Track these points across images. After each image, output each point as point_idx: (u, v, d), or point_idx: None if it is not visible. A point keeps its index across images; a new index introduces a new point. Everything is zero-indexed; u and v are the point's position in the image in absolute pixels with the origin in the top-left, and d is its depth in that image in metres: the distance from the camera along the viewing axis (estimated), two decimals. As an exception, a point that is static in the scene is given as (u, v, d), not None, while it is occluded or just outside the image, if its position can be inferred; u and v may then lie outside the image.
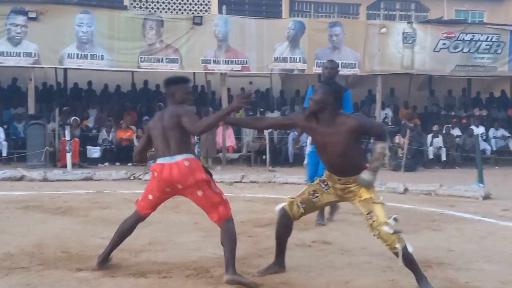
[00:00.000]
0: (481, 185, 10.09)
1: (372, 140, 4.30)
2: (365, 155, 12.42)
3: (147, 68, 15.98)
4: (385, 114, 18.51)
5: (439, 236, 6.19)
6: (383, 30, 16.54)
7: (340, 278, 4.52)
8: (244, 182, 11.38)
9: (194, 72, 18.73)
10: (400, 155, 15.65)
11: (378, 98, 17.32)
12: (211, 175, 4.50)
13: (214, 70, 16.34)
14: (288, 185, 10.99)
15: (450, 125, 16.97)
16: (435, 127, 16.96)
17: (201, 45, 15.86)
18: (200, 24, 15.66)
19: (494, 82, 20.62)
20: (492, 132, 17.58)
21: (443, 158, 16.19)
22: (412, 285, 4.34)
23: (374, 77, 17.10)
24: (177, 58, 15.70)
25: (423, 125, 17.98)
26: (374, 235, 4.17)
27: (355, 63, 16.57)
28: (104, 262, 4.67)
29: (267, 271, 4.63)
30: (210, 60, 15.92)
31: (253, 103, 19.23)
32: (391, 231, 4.06)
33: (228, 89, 17.13)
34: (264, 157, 15.72)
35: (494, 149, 17.46)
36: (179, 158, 4.37)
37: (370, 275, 4.62)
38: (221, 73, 16.28)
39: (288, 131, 16.61)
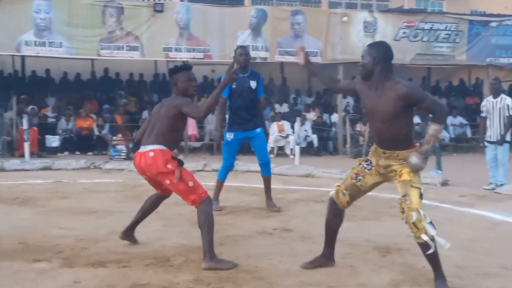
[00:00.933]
0: (440, 171, 10.26)
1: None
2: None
3: (107, 56, 15.70)
4: (347, 102, 18.67)
5: (399, 223, 6.25)
6: (345, 18, 16.61)
7: (300, 265, 4.53)
8: (206, 171, 11.34)
9: (155, 60, 18.60)
10: (362, 143, 15.81)
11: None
12: (181, 163, 4.54)
13: (175, 58, 16.15)
14: (251, 173, 10.97)
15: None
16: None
17: (162, 32, 15.67)
18: (161, 11, 15.45)
19: (453, 71, 21.00)
20: (450, 119, 17.89)
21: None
22: (370, 271, 4.41)
23: (336, 66, 17.17)
24: (138, 46, 15.49)
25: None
26: (402, 218, 4.04)
27: (317, 52, 16.61)
28: (128, 235, 5.10)
29: (313, 263, 4.46)
30: (171, 48, 15.75)
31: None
32: (421, 220, 3.96)
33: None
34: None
35: (453, 136, 17.82)
36: (148, 148, 4.54)
37: (330, 262, 4.65)
38: (183, 61, 16.11)
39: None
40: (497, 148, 9.15)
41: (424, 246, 3.99)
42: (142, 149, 4.59)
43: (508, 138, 9.20)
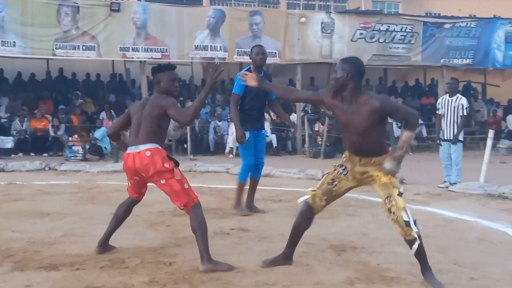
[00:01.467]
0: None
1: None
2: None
3: (63, 56, 15.43)
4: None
5: (355, 221, 6.36)
6: (303, 19, 16.72)
7: (257, 264, 4.54)
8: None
9: (113, 60, 18.38)
10: (320, 142, 15.94)
11: (298, 87, 17.52)
12: (176, 163, 4.51)
13: (133, 58, 16.01)
14: (209, 174, 10.97)
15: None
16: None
17: (119, 32, 15.48)
18: (118, 11, 15.26)
19: (408, 72, 21.37)
20: (406, 119, 18.17)
21: (275, 144, 16.49)
22: (326, 269, 4.44)
23: (294, 66, 17.28)
24: (94, 46, 15.26)
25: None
26: (391, 219, 4.17)
27: (275, 52, 16.67)
28: (105, 247, 4.82)
29: (273, 263, 4.51)
30: (128, 47, 15.57)
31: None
32: (409, 219, 4.12)
33: (148, 78, 16.87)
34: (185, 145, 15.60)
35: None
36: (142, 148, 4.43)
37: (286, 261, 4.67)
38: (141, 61, 15.98)
39: (210, 120, 16.58)
40: (451, 147, 9.34)
41: (413, 242, 4.16)
42: (134, 149, 4.46)
43: (461, 137, 9.40)
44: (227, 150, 15.42)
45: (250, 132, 6.77)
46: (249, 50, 7.19)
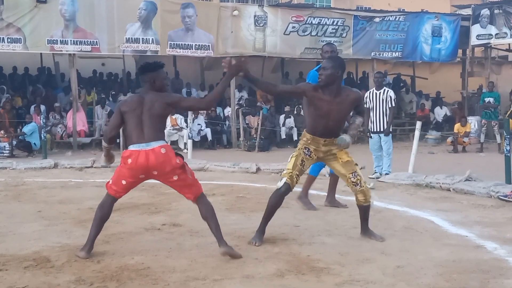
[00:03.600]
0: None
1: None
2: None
3: (-14, 48, 14.84)
4: (241, 96, 18.79)
5: (286, 213, 6.39)
6: (235, 12, 16.68)
7: (187, 260, 4.50)
8: (95, 167, 11.00)
9: (41, 53, 17.80)
10: (254, 136, 15.99)
11: (233, 80, 17.48)
12: (182, 157, 4.61)
13: (61, 50, 15.55)
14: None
15: (301, 106, 17.54)
16: (287, 108, 17.52)
17: (46, 24, 14.97)
18: (45, 2, 14.74)
19: (340, 65, 21.64)
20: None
21: (295, 137, 16.75)
22: (257, 262, 4.45)
23: (228, 60, 17.22)
24: (20, 38, 14.71)
25: (276, 106, 18.50)
26: (358, 190, 5.09)
27: (208, 45, 16.55)
28: (90, 250, 4.60)
29: (261, 238, 5.04)
30: (57, 40, 15.08)
31: (105, 85, 18.68)
32: (371, 188, 5.25)
33: (78, 72, 16.49)
34: (118, 141, 15.29)
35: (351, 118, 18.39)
36: (155, 145, 4.44)
37: (217, 255, 4.63)
38: (70, 54, 15.54)
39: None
40: (381, 138, 9.55)
41: (368, 207, 5.21)
42: (144, 146, 4.42)
43: (390, 129, 9.64)
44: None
45: None
46: (181, 43, 7.10)
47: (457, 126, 16.11)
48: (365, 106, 9.81)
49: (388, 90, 9.60)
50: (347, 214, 6.32)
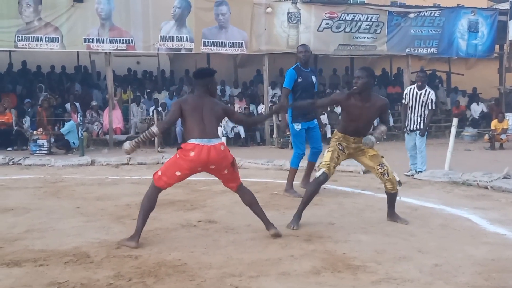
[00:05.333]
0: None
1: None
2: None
3: (25, 48, 15.15)
4: (274, 93, 18.79)
5: (321, 211, 6.39)
6: (269, 9, 16.69)
7: (223, 256, 4.54)
8: (131, 164, 11.14)
9: (77, 52, 18.11)
10: (288, 133, 15.93)
11: (266, 78, 17.52)
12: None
13: (97, 49, 15.80)
14: (177, 166, 10.86)
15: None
16: (320, 105, 17.42)
17: (83, 23, 15.25)
18: (81, 1, 15.02)
19: (375, 61, 21.53)
20: (373, 109, 18.30)
21: (329, 134, 16.67)
22: (292, 259, 4.45)
23: (261, 57, 17.26)
24: (58, 37, 15.01)
25: (309, 103, 18.40)
26: (385, 179, 5.63)
27: (242, 43, 16.62)
28: (139, 240, 4.88)
29: (298, 223, 5.53)
30: (93, 39, 15.35)
31: (140, 83, 18.89)
32: (398, 178, 5.73)
33: (114, 70, 16.71)
34: (153, 138, 15.46)
35: (375, 125, 18.20)
36: (216, 142, 4.84)
37: (253, 252, 4.67)
38: (106, 53, 15.77)
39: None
40: (417, 136, 9.44)
41: (395, 194, 5.77)
42: (206, 142, 4.78)
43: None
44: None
45: (303, 124, 7.44)
46: (215, 41, 7.63)
47: (494, 122, 15.83)
48: (403, 102, 9.72)
49: (429, 92, 9.36)
50: (384, 212, 6.27)
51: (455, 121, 9.97)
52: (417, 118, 9.40)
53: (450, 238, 5.17)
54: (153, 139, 5.32)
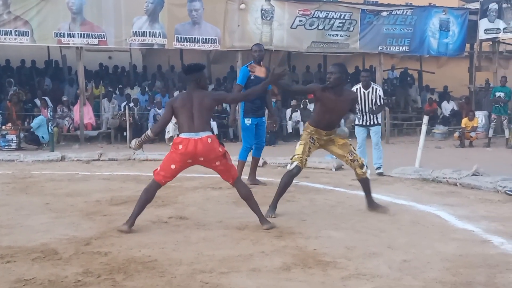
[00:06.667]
0: (334, 156, 10.50)
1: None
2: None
3: (-6, 41, 14.89)
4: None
5: (292, 207, 6.40)
6: (242, 6, 16.63)
7: (194, 252, 4.52)
8: (102, 160, 11.04)
9: (48, 46, 17.86)
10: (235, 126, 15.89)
11: (238, 74, 17.45)
12: (224, 146, 5.28)
13: (68, 43, 15.60)
14: (149, 162, 10.80)
15: (307, 100, 17.53)
16: (293, 102, 17.49)
17: (54, 17, 15.02)
18: (52, -5, 14.82)
19: (348, 59, 21.61)
20: (346, 106, 18.39)
21: (301, 131, 16.74)
22: (263, 255, 4.46)
23: (234, 53, 17.22)
24: (28, 31, 14.77)
25: (283, 101, 18.47)
26: (356, 166, 6.01)
27: (215, 39, 16.54)
28: (132, 226, 5.19)
29: (274, 211, 5.84)
30: (64, 33, 15.13)
31: (112, 79, 18.71)
32: (365, 163, 6.13)
33: (85, 65, 16.51)
34: (124, 134, 15.35)
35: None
36: (203, 135, 5.10)
37: (224, 248, 4.67)
38: (77, 47, 15.57)
39: (149, 108, 16.39)
40: (372, 132, 9.30)
41: (368, 180, 6.14)
42: (194, 135, 5.07)
43: (379, 120, 9.43)
44: (167, 137, 15.21)
45: (253, 119, 7.81)
46: (188, 37, 7.91)
47: (464, 120, 16.06)
48: None
49: (376, 89, 9.13)
50: (354, 208, 6.32)
51: (425, 118, 10.07)
52: (369, 116, 9.24)
53: (420, 235, 5.23)
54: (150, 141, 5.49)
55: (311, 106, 17.83)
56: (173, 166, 5.19)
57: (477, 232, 5.32)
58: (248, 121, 7.81)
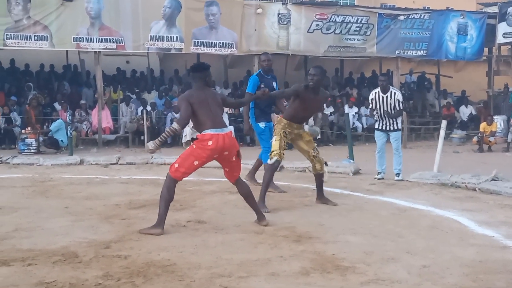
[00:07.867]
0: (351, 161, 10.53)
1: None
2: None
3: (14, 46, 15.05)
4: (263, 93, 18.76)
5: (311, 211, 6.40)
6: (259, 10, 16.67)
7: (212, 256, 4.53)
8: (120, 164, 11.11)
9: (66, 51, 18.02)
10: (250, 135, 15.93)
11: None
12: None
13: (87, 48, 15.73)
14: (166, 166, 10.80)
15: (324, 104, 17.45)
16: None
17: (72, 22, 15.16)
18: (71, 0, 14.95)
19: (364, 63, 21.61)
20: (363, 110, 18.38)
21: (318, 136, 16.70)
22: (282, 260, 4.46)
23: (251, 57, 17.24)
24: (47, 36, 14.93)
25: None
26: (316, 161, 6.65)
27: (232, 43, 16.60)
28: (163, 228, 5.30)
29: (265, 205, 6.30)
30: (82, 38, 15.28)
31: (129, 83, 18.83)
32: (325, 160, 6.82)
33: (103, 69, 16.63)
34: (142, 138, 15.44)
35: (365, 126, 18.28)
36: (227, 130, 5.35)
37: (242, 252, 4.68)
38: (95, 52, 15.70)
39: (166, 112, 16.45)
40: (392, 137, 9.23)
41: (323, 175, 6.75)
42: (221, 131, 5.26)
43: (399, 126, 9.36)
44: (184, 140, 15.24)
45: (266, 123, 8.00)
46: (205, 41, 8.19)
47: (483, 125, 15.92)
48: (370, 107, 9.46)
49: (395, 93, 9.11)
50: (372, 213, 6.30)
51: (444, 123, 10.01)
52: (389, 120, 9.19)
53: (438, 240, 5.20)
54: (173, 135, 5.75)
55: (329, 109, 17.83)
56: (196, 163, 5.28)
57: (497, 238, 5.28)
58: (262, 125, 7.98)
